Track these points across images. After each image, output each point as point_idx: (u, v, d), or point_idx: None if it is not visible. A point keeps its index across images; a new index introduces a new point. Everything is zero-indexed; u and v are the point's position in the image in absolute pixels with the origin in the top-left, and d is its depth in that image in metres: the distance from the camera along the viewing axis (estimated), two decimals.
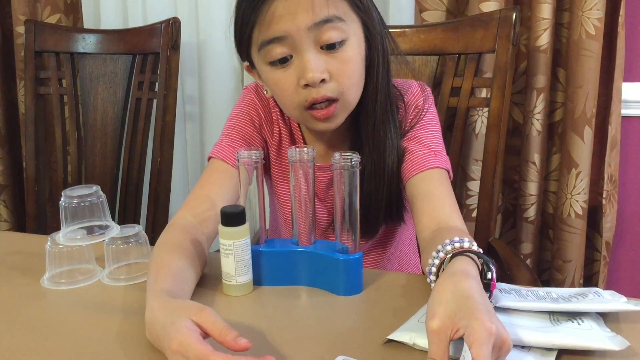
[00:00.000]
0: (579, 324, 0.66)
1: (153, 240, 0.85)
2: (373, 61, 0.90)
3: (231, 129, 0.99)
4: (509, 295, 0.72)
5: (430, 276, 0.73)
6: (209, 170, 0.96)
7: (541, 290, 0.74)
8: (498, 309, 0.68)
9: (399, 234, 1.08)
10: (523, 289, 0.75)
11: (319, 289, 0.81)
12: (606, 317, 0.69)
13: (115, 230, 0.88)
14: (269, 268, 0.82)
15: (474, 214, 1.41)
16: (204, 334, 0.60)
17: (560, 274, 1.47)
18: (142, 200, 1.56)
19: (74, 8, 1.78)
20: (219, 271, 0.81)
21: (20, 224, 1.93)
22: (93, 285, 0.86)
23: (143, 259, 0.89)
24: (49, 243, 0.87)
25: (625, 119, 1.46)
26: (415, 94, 0.98)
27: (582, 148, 1.39)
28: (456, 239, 0.72)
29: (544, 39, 1.37)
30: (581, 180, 1.40)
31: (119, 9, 1.73)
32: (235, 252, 0.78)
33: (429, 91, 1.01)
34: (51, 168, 1.79)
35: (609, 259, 1.49)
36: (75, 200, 0.85)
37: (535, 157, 1.44)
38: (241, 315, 0.75)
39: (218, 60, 1.66)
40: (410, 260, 1.13)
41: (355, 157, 0.76)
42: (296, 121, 0.99)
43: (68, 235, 0.86)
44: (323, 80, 0.84)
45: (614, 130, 1.41)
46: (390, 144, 0.93)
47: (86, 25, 1.75)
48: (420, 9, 1.45)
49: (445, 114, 1.28)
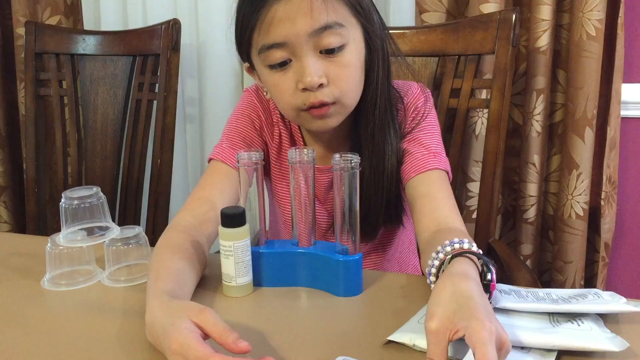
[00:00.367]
0: (578, 325, 0.66)
1: (153, 242, 0.85)
2: (373, 65, 0.90)
3: (231, 130, 1.00)
4: (508, 296, 0.72)
5: (430, 277, 0.73)
6: (209, 172, 0.96)
7: (541, 291, 0.74)
8: (498, 310, 0.68)
9: (399, 236, 1.08)
10: (523, 290, 0.75)
11: (318, 290, 0.81)
12: (606, 318, 0.69)
13: (116, 231, 0.88)
14: (269, 269, 0.82)
15: (474, 215, 1.41)
16: (204, 335, 0.60)
17: (560, 275, 1.47)
18: (142, 201, 1.56)
19: (74, 9, 1.78)
20: (219, 272, 0.81)
21: (20, 225, 1.93)
22: (93, 286, 0.86)
23: (143, 260, 0.89)
24: (49, 244, 0.87)
25: (625, 120, 1.46)
26: (415, 96, 0.98)
27: (583, 149, 1.39)
28: (456, 240, 0.73)
29: (543, 40, 1.37)
30: (582, 182, 1.40)
31: (119, 11, 1.73)
32: (235, 254, 0.78)
33: (429, 93, 1.01)
34: (51, 169, 1.79)
35: (608, 260, 1.49)
36: (76, 202, 0.85)
37: (535, 159, 1.44)
38: (241, 316, 0.75)
39: (218, 62, 1.67)
40: (409, 261, 1.13)
41: (355, 158, 0.76)
42: (293, 123, 0.99)
43: (68, 237, 0.86)
44: (321, 85, 0.84)
45: (612, 131, 1.41)
46: (390, 147, 0.93)
47: (86, 27, 1.76)
48: (420, 10, 1.45)
49: (445, 115, 1.28)
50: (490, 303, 0.67)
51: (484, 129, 1.39)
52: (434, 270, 0.73)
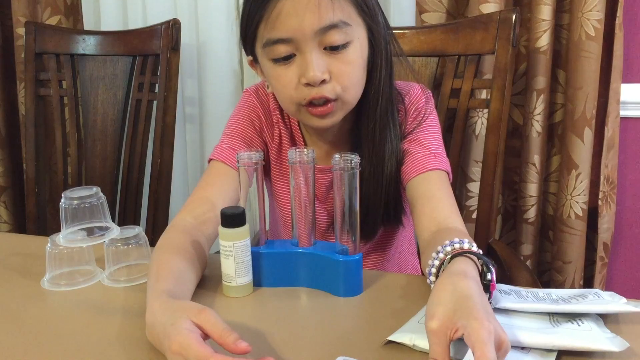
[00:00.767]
0: (578, 325, 0.66)
1: (153, 242, 0.85)
2: (376, 64, 0.91)
3: (232, 131, 1.00)
4: (508, 296, 0.72)
5: (430, 277, 0.73)
6: (209, 172, 0.97)
7: (541, 292, 0.74)
8: (498, 310, 0.69)
9: (398, 237, 1.08)
10: (523, 290, 0.75)
11: (318, 290, 0.81)
12: (606, 318, 0.69)
13: (115, 231, 0.88)
14: (269, 269, 0.82)
15: (474, 215, 1.41)
16: (204, 335, 0.60)
17: (560, 275, 1.47)
18: (142, 201, 1.56)
19: (74, 10, 1.78)
20: (219, 272, 0.81)
21: (20, 226, 1.93)
22: (93, 286, 0.86)
23: (143, 261, 0.89)
24: (49, 244, 0.87)
25: (624, 120, 1.46)
26: (417, 97, 0.98)
27: (582, 149, 1.39)
28: (456, 240, 0.73)
29: (543, 41, 1.37)
30: (581, 182, 1.40)
31: (119, 11, 1.73)
32: (235, 254, 0.78)
33: (430, 94, 1.01)
34: (51, 169, 1.79)
35: (607, 260, 1.49)
36: (76, 202, 0.85)
37: (535, 159, 1.44)
38: (241, 316, 0.75)
39: (218, 62, 1.66)
40: (409, 262, 1.13)
41: (355, 159, 0.76)
42: (293, 117, 0.99)
43: (68, 237, 0.86)
44: (323, 81, 0.85)
45: (611, 131, 1.42)
46: (390, 147, 0.93)
47: (86, 27, 1.76)
48: (420, 10, 1.46)
49: (445, 115, 1.28)
50: (490, 303, 0.67)
51: (484, 129, 1.39)
52: (434, 270, 0.73)
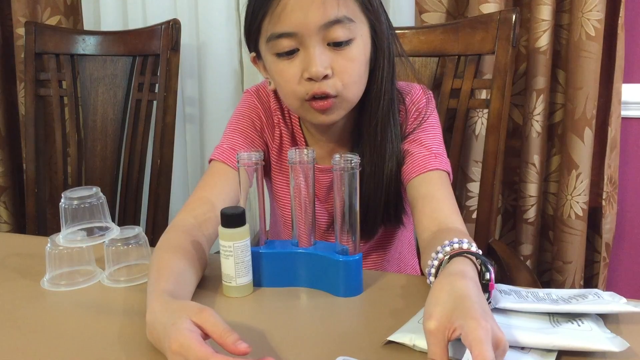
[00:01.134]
0: (578, 325, 0.66)
1: (153, 242, 0.85)
2: (378, 63, 0.91)
3: (232, 131, 1.00)
4: (508, 296, 0.72)
5: (430, 277, 0.73)
6: (209, 173, 0.97)
7: (541, 292, 0.74)
8: (498, 310, 0.69)
9: (399, 237, 1.08)
10: (523, 290, 0.75)
11: (318, 290, 0.81)
12: (606, 319, 0.69)
13: (115, 231, 0.88)
14: (269, 269, 0.82)
15: (474, 216, 1.41)
16: (204, 335, 0.60)
17: (560, 276, 1.47)
18: (142, 201, 1.56)
19: (74, 10, 1.78)
20: (219, 273, 0.81)
21: (20, 226, 1.93)
22: (93, 286, 0.86)
23: (143, 261, 0.89)
24: (49, 244, 0.87)
25: (625, 120, 1.46)
26: (417, 97, 0.98)
27: (582, 149, 1.39)
28: (455, 240, 0.73)
29: (543, 41, 1.37)
30: (581, 182, 1.40)
31: (119, 11, 1.73)
32: (235, 254, 0.78)
33: (431, 95, 1.01)
34: (51, 170, 1.79)
35: (609, 260, 1.49)
36: (75, 202, 0.85)
37: (535, 159, 1.44)
38: (241, 316, 0.75)
39: (218, 62, 1.66)
40: (409, 263, 1.13)
41: (355, 159, 0.76)
42: (295, 113, 0.99)
43: (68, 237, 0.86)
44: (326, 76, 0.85)
45: (613, 131, 1.41)
46: (390, 147, 0.93)
47: (86, 27, 1.76)
48: (420, 10, 1.46)
49: (445, 115, 1.28)
50: (490, 303, 0.67)
51: (484, 129, 1.39)
52: (433, 270, 0.73)
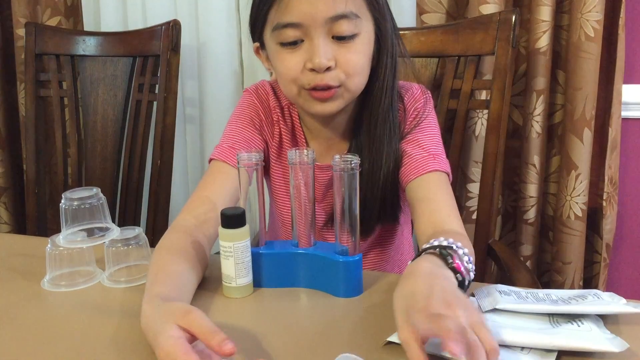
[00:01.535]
0: (578, 326, 0.66)
1: (153, 242, 0.85)
2: (381, 61, 0.92)
3: (232, 131, 1.00)
4: (508, 297, 0.72)
5: None
6: (210, 172, 0.97)
7: (541, 292, 0.74)
8: (498, 311, 0.69)
9: (398, 237, 1.08)
10: (523, 291, 0.75)
11: (318, 291, 0.81)
12: (606, 319, 0.69)
13: (116, 232, 0.88)
14: (269, 270, 0.82)
15: (474, 216, 1.41)
16: (191, 338, 0.60)
17: (560, 276, 1.47)
18: (142, 202, 1.56)
19: (74, 10, 1.78)
20: (219, 273, 0.81)
21: (20, 226, 1.93)
22: (93, 287, 0.86)
23: (143, 261, 0.89)
24: (49, 245, 0.87)
25: (625, 120, 1.46)
26: (416, 97, 0.98)
27: (582, 150, 1.39)
28: (436, 241, 0.73)
29: (543, 41, 1.37)
30: (581, 182, 1.40)
31: (119, 12, 1.73)
32: (235, 254, 0.78)
33: (430, 95, 1.01)
34: (51, 170, 1.79)
35: (609, 261, 1.49)
36: (76, 203, 0.85)
37: (535, 159, 1.44)
38: (241, 317, 0.75)
39: (218, 63, 1.67)
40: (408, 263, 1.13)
41: (355, 159, 0.76)
42: (293, 101, 0.99)
43: (68, 238, 0.86)
44: (328, 68, 0.86)
45: (614, 132, 1.42)
46: (388, 144, 0.94)
47: (86, 28, 1.76)
48: (420, 11, 1.46)
49: (445, 116, 1.28)
50: (467, 287, 0.70)
51: (484, 129, 1.39)
52: None
